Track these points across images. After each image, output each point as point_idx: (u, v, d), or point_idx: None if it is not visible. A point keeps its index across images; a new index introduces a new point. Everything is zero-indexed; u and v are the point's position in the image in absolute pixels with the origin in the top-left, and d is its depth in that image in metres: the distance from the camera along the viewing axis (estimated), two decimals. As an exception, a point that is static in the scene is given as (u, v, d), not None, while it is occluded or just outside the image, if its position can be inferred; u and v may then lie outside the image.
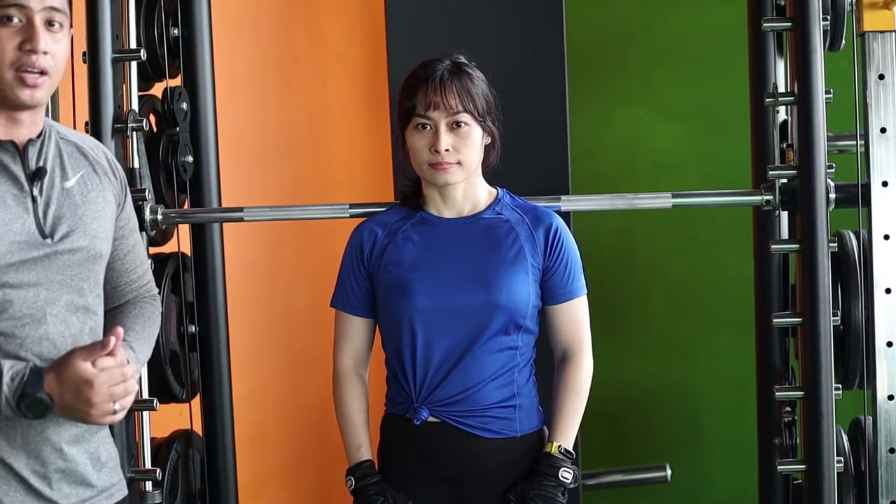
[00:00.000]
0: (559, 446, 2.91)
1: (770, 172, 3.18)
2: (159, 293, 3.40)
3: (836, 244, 3.16)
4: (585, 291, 2.95)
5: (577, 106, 4.42)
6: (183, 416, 3.60)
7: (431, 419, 2.89)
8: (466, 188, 2.92)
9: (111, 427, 2.49)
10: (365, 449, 2.96)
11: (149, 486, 3.34)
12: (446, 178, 2.87)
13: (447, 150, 2.83)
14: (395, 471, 2.95)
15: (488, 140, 2.90)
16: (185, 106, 3.57)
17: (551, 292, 2.93)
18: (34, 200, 2.34)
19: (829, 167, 3.10)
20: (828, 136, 3.13)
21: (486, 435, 2.89)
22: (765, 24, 3.26)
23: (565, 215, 3.13)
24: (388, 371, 2.96)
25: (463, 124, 2.84)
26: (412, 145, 2.87)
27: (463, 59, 2.91)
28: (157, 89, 3.56)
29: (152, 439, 3.41)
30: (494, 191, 2.97)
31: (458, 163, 2.85)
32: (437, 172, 2.86)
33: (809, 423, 3.13)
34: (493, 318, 2.86)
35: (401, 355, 2.89)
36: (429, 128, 2.84)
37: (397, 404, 2.94)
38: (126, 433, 3.20)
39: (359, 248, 2.97)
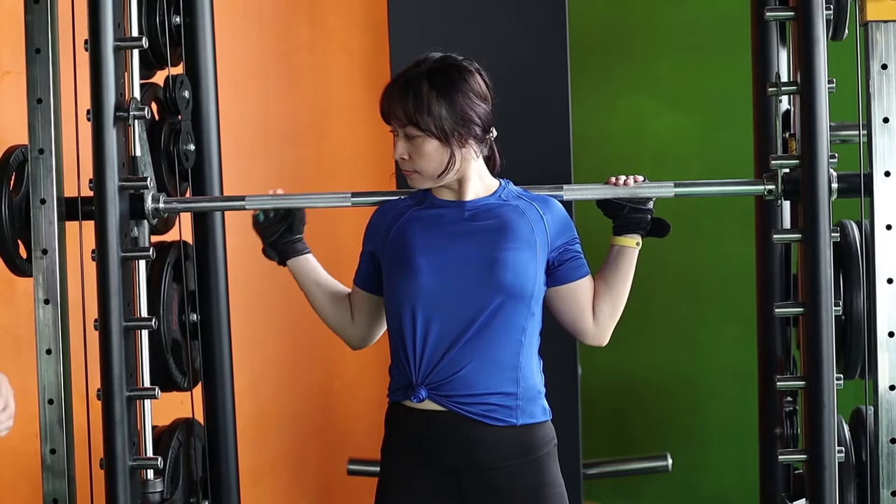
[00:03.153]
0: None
1: (772, 162, 3.18)
2: (161, 281, 3.43)
3: (838, 234, 3.15)
4: None
5: (579, 95, 4.42)
6: (184, 404, 3.60)
7: (434, 407, 2.88)
8: (461, 181, 2.92)
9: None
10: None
11: (150, 474, 3.35)
12: (413, 184, 2.91)
13: (403, 159, 2.87)
14: (397, 461, 2.94)
15: (452, 150, 2.86)
16: (186, 94, 3.57)
17: (575, 270, 2.95)
18: None
19: (832, 157, 3.10)
20: (830, 125, 3.13)
21: (488, 422, 2.87)
22: (768, 14, 3.26)
23: (567, 204, 3.13)
24: (391, 358, 2.96)
25: (415, 136, 2.84)
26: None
27: (454, 61, 2.87)
28: (159, 77, 3.56)
29: (154, 427, 3.41)
30: (495, 182, 2.96)
31: (416, 171, 2.87)
32: (406, 176, 2.91)
33: (811, 412, 3.13)
34: (496, 296, 2.85)
35: (402, 334, 2.88)
36: (395, 133, 2.88)
37: (397, 390, 2.93)
38: (128, 421, 3.21)
39: (374, 225, 2.99)
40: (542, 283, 2.91)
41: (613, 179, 3.05)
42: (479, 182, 2.93)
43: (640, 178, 3.05)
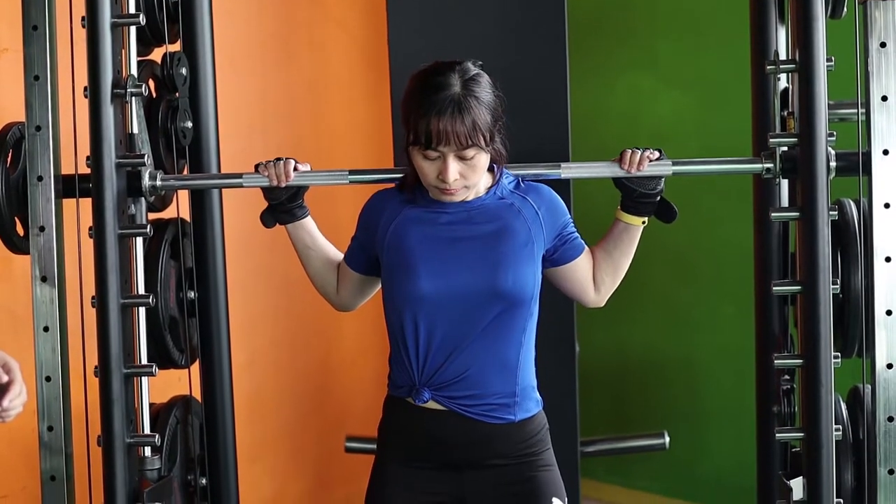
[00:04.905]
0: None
1: (771, 140, 3.17)
2: (159, 259, 3.43)
3: (836, 212, 3.15)
4: None
5: (578, 74, 4.40)
6: (182, 381, 3.60)
7: (436, 407, 2.90)
8: None
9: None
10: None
11: (148, 451, 3.35)
12: (452, 199, 2.88)
13: (455, 179, 2.81)
14: (397, 452, 2.97)
15: (494, 155, 2.86)
16: (184, 71, 3.56)
17: (572, 251, 2.97)
18: None
19: (830, 135, 3.10)
20: (829, 104, 3.12)
21: (488, 420, 2.90)
22: (766, -9, 3.25)
23: (565, 183, 3.12)
24: (391, 352, 2.97)
25: (472, 155, 2.80)
26: (418, 167, 2.83)
27: (471, 74, 2.82)
28: (157, 54, 3.55)
29: (151, 405, 3.42)
30: (491, 172, 2.95)
31: (465, 187, 2.85)
32: (443, 195, 2.86)
33: (808, 391, 3.14)
34: (498, 302, 2.86)
35: (404, 337, 2.90)
36: (437, 156, 2.80)
37: (399, 387, 2.95)
38: (125, 399, 3.21)
39: (368, 215, 2.99)
40: (540, 281, 2.94)
41: (628, 154, 3.02)
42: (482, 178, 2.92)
43: (655, 154, 3.03)
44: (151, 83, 3.52)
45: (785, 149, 3.17)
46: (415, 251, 2.89)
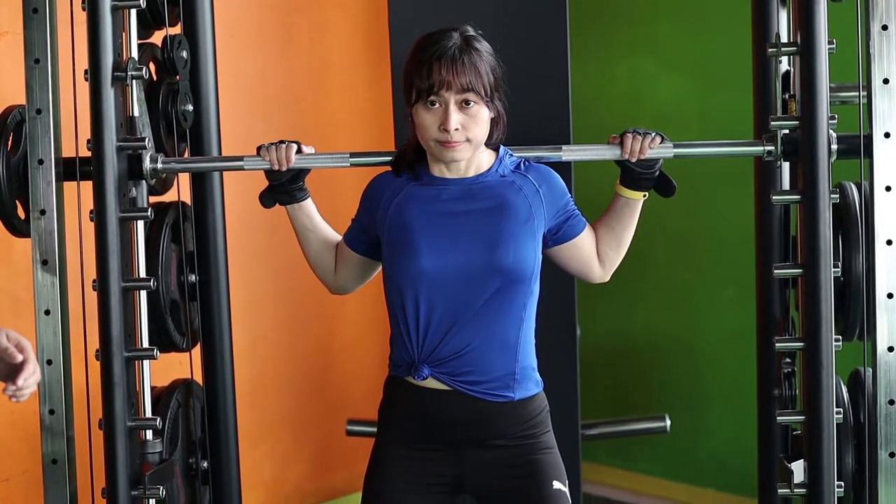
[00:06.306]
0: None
1: (772, 123, 3.17)
2: (160, 242, 3.43)
3: (837, 195, 3.15)
4: None
5: (579, 56, 4.40)
6: (183, 365, 3.61)
7: (436, 385, 2.90)
8: (470, 158, 2.91)
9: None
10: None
11: (149, 434, 3.35)
12: (454, 156, 2.86)
13: (456, 129, 2.82)
14: (397, 433, 2.97)
15: (493, 114, 2.88)
16: (185, 54, 3.56)
17: (574, 227, 2.97)
18: None
19: (832, 118, 3.09)
20: (830, 86, 3.12)
21: (488, 398, 2.90)
22: (768, -26, 3.25)
23: (566, 165, 3.12)
24: (391, 332, 2.97)
25: (472, 103, 2.81)
26: (420, 122, 2.84)
27: (471, 32, 2.87)
28: (157, 37, 3.55)
29: (152, 388, 3.42)
30: (495, 152, 2.96)
31: (467, 140, 2.84)
32: (445, 150, 2.85)
33: (809, 374, 3.14)
34: (497, 277, 2.86)
35: (404, 313, 2.90)
36: (437, 105, 2.82)
37: (399, 366, 2.95)
38: (126, 382, 3.21)
39: (370, 197, 2.99)
40: (541, 259, 2.93)
41: (629, 141, 3.01)
42: (481, 154, 2.92)
43: (658, 139, 3.03)
44: (152, 66, 3.52)
45: (786, 131, 3.17)
46: (415, 226, 2.89)
